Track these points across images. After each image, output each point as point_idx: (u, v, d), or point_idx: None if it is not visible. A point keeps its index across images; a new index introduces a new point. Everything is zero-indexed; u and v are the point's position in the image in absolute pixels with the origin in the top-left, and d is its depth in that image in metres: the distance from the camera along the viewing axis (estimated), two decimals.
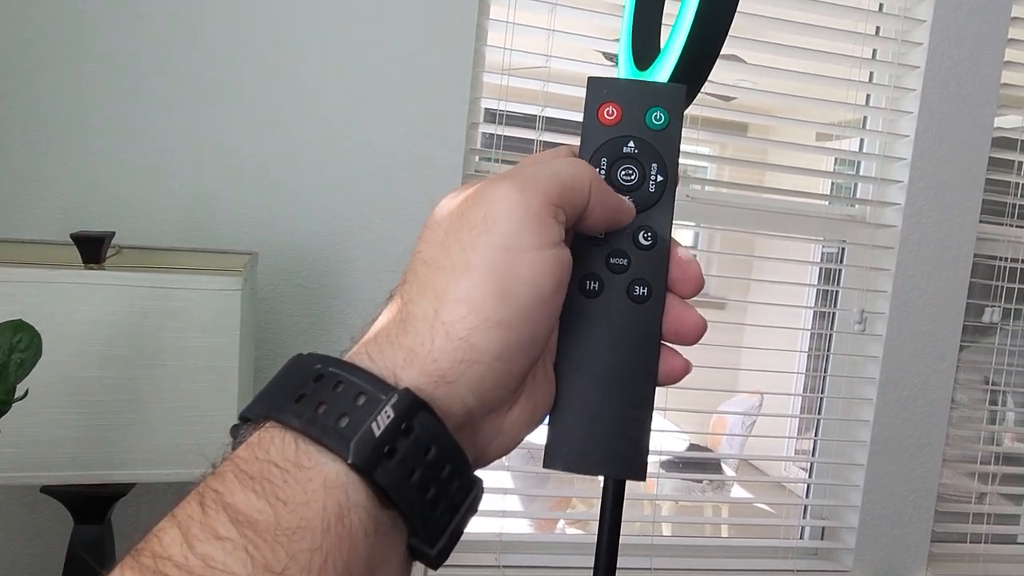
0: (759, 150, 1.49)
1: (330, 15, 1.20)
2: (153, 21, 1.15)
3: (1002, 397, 1.69)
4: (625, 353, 0.32)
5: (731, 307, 2.68)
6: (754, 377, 3.11)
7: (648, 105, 0.34)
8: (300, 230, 1.22)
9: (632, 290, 0.32)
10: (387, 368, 0.27)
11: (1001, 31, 1.45)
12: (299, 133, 1.21)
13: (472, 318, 0.27)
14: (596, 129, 0.34)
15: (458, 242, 0.28)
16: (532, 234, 0.28)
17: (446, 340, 0.27)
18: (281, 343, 1.23)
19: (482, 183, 0.30)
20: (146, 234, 1.14)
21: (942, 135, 1.45)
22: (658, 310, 0.33)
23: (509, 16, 1.28)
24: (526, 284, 0.28)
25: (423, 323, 0.27)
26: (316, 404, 0.25)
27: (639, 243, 0.33)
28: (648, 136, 0.33)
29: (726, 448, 3.21)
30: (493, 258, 0.27)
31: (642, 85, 0.34)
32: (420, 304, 0.28)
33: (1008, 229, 1.56)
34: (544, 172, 0.30)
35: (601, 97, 0.34)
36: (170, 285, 0.84)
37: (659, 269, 0.33)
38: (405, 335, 0.27)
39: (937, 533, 1.56)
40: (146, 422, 0.84)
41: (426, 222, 0.31)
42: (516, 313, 0.27)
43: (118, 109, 1.15)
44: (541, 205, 0.28)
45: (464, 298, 0.27)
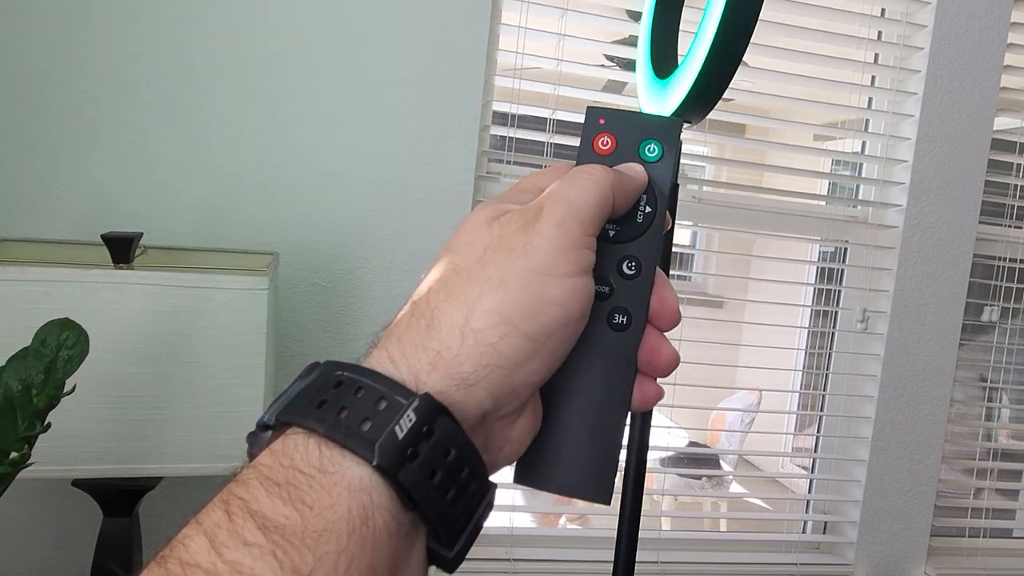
0: (759, 151, 1.51)
1: (345, 21, 1.23)
2: (176, 27, 1.17)
3: (998, 394, 1.72)
4: (601, 378, 0.33)
5: (730, 305, 2.71)
6: (753, 375, 3.14)
7: (642, 138, 0.35)
8: (316, 230, 1.25)
9: (612, 317, 0.33)
10: (409, 372, 0.28)
11: (1000, 36, 1.48)
12: (315, 135, 1.23)
13: (503, 327, 0.28)
14: (590, 158, 0.35)
15: (495, 260, 0.30)
16: (569, 263, 0.30)
17: (474, 345, 0.28)
18: (299, 340, 1.26)
19: (521, 212, 0.31)
20: (168, 234, 1.16)
21: (943, 138, 1.48)
22: (636, 339, 0.33)
23: (521, 21, 1.31)
24: (556, 305, 0.29)
25: (451, 328, 0.28)
26: (338, 409, 0.26)
27: (623, 272, 0.34)
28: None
29: (725, 445, 3.25)
30: (529, 279, 0.29)
31: (638, 117, 0.36)
32: (448, 311, 0.29)
33: (1007, 230, 1.59)
34: (580, 201, 0.31)
35: (597, 127, 0.35)
36: (200, 284, 0.86)
37: (640, 299, 0.33)
38: (431, 339, 0.28)
39: (936, 527, 1.59)
40: (176, 417, 0.87)
41: (458, 235, 0.32)
42: (543, 328, 0.29)
43: (139, 113, 1.17)
44: (579, 236, 0.31)
45: (496, 309, 0.29)
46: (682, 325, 1.35)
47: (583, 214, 0.31)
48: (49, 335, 0.65)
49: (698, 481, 2.96)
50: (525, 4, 1.31)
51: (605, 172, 0.33)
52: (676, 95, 0.71)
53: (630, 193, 0.34)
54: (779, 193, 1.53)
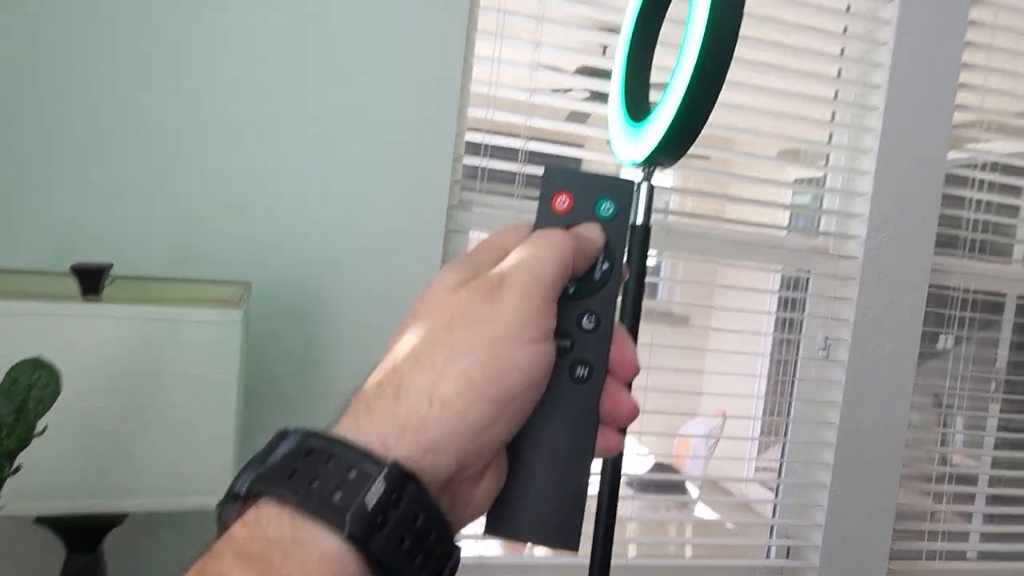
0: (723, 182, 1.55)
1: (320, 49, 1.24)
2: (143, 51, 1.17)
3: (951, 419, 1.78)
4: (564, 429, 0.35)
5: (695, 331, 2.74)
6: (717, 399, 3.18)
7: (598, 196, 0.37)
8: (288, 260, 1.25)
9: (574, 370, 0.35)
10: (378, 439, 0.29)
11: (951, 79, 1.54)
12: (288, 163, 1.24)
13: (469, 394, 0.30)
14: (549, 216, 0.37)
15: (462, 327, 0.31)
16: (532, 330, 0.32)
17: (441, 412, 0.29)
18: (269, 369, 1.25)
19: (487, 279, 0.33)
20: (138, 261, 1.15)
21: (900, 172, 1.54)
22: (597, 390, 0.35)
23: (494, 52, 1.33)
24: (520, 370, 0.31)
25: (419, 395, 0.30)
26: (310, 479, 0.27)
27: (583, 326, 0.35)
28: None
29: (690, 469, 3.28)
30: (495, 346, 0.31)
31: (594, 178, 0.38)
32: (416, 378, 0.30)
33: (960, 261, 1.65)
34: (541, 269, 0.33)
35: (555, 187, 0.37)
36: (171, 317, 0.86)
37: (600, 352, 0.35)
38: (399, 407, 0.30)
39: (895, 551, 1.63)
40: (146, 452, 0.86)
41: (426, 300, 0.34)
42: (507, 392, 0.31)
43: (107, 137, 1.16)
44: (541, 304, 0.32)
45: (463, 375, 0.30)
46: (649, 348, 1.37)
47: (544, 282, 0.33)
48: (20, 375, 0.65)
49: (663, 505, 2.99)
50: (498, 37, 1.33)
51: (564, 238, 0.35)
52: (650, 139, 0.73)
53: (588, 256, 0.36)
54: (743, 224, 1.56)
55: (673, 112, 0.71)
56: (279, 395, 1.26)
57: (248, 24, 1.20)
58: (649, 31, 0.79)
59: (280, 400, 1.26)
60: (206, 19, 1.19)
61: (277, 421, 1.15)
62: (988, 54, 1.58)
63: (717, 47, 0.67)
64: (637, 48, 0.81)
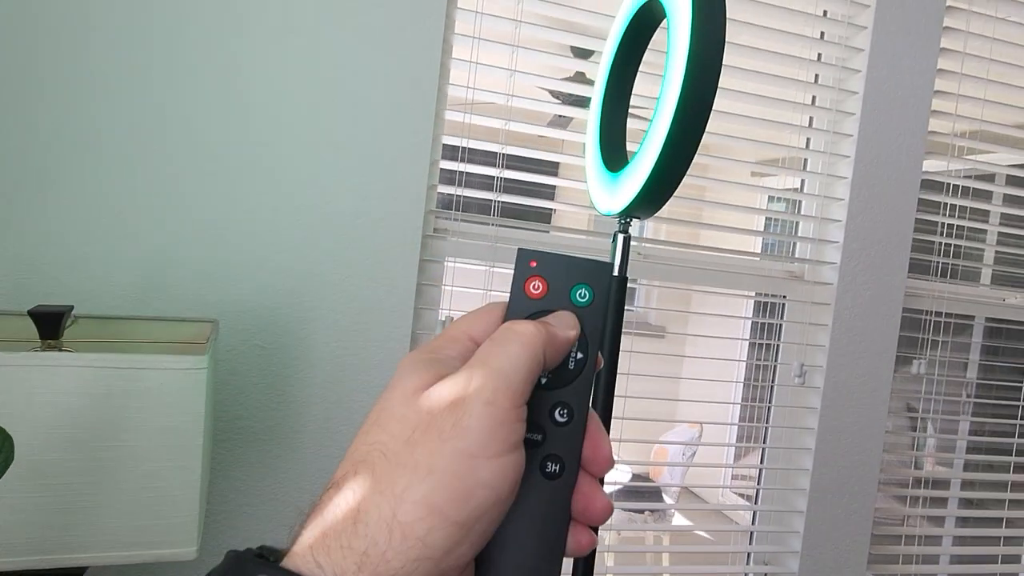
0: (696, 208, 1.56)
1: (287, 65, 1.21)
2: (102, 78, 1.13)
3: (923, 424, 1.79)
4: (534, 528, 0.33)
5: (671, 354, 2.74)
6: (695, 414, 3.19)
7: (573, 282, 0.35)
8: (257, 290, 1.22)
9: (545, 466, 0.33)
10: (335, 574, 0.27)
11: (924, 105, 1.56)
12: (255, 195, 1.21)
13: (431, 519, 0.28)
14: (522, 301, 0.35)
15: (425, 443, 0.29)
16: (499, 442, 0.30)
17: (402, 540, 0.28)
18: (239, 404, 1.22)
19: (451, 385, 0.31)
20: (101, 296, 1.12)
21: (873, 198, 1.55)
22: (569, 487, 0.33)
23: (472, 56, 1.32)
24: (486, 488, 0.29)
25: (379, 524, 0.28)
26: None
27: (555, 419, 0.33)
28: (572, 312, 0.35)
29: (667, 479, 3.28)
30: (458, 464, 0.29)
31: (569, 261, 0.36)
32: (376, 503, 0.28)
33: (933, 284, 1.67)
34: (510, 369, 0.31)
35: (528, 271, 0.35)
36: (134, 365, 0.83)
37: (573, 446, 0.33)
38: (358, 537, 0.28)
39: (874, 555, 1.64)
40: (106, 504, 0.83)
41: (386, 407, 0.31)
42: (472, 513, 0.29)
43: (65, 171, 1.13)
44: (510, 411, 0.30)
45: (425, 500, 0.28)
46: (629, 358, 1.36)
47: (513, 385, 0.31)
48: None
49: (640, 515, 2.99)
50: (476, 40, 1.32)
51: (536, 334, 0.32)
52: (627, 191, 0.72)
53: (561, 350, 0.34)
54: (718, 250, 1.56)
55: (651, 166, 0.70)
56: (249, 431, 1.23)
57: (212, 48, 1.18)
58: (623, 81, 0.78)
59: (250, 436, 1.23)
60: (169, 45, 1.16)
61: (247, 459, 1.13)
62: (959, 81, 1.59)
63: (699, 99, 0.66)
64: (612, 99, 0.80)
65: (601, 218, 0.81)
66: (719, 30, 0.63)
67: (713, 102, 0.57)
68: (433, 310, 1.36)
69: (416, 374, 0.32)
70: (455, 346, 0.34)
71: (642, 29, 0.77)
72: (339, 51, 1.23)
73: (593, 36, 1.39)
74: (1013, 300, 1.76)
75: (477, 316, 0.35)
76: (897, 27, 1.52)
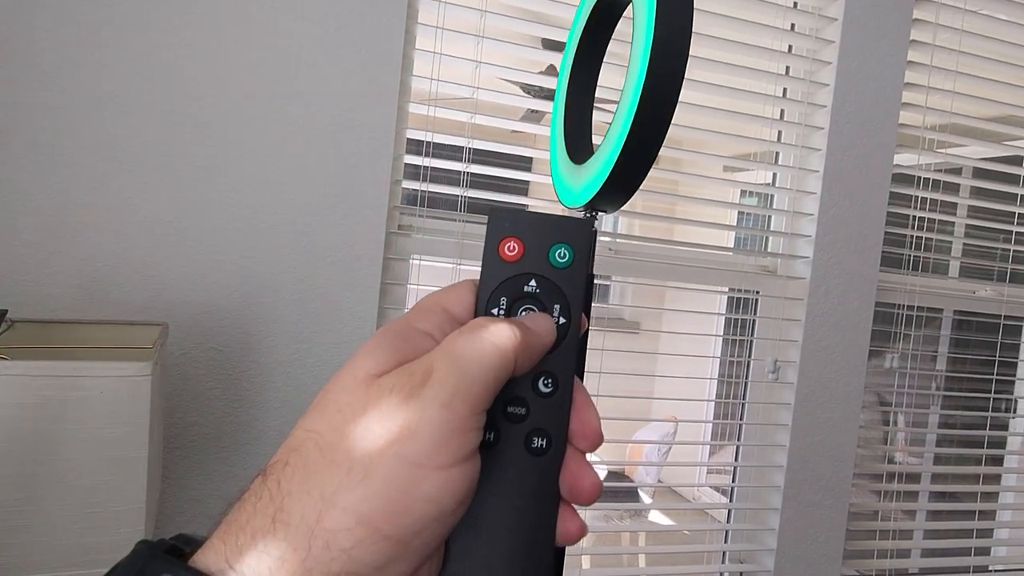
0: (669, 203, 1.53)
1: (240, 57, 1.16)
2: (47, 71, 1.07)
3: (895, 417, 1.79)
4: (521, 510, 0.30)
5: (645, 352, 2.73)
6: (670, 408, 3.18)
7: (552, 242, 0.32)
8: (212, 292, 1.17)
9: (530, 441, 0.30)
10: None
11: (895, 104, 1.55)
12: (209, 192, 1.15)
13: (360, 531, 0.25)
14: (496, 265, 0.32)
15: (365, 441, 0.26)
16: (449, 452, 0.26)
17: (324, 550, 0.24)
18: (194, 410, 1.17)
19: (408, 376, 0.27)
20: (42, 299, 1.06)
21: (844, 191, 1.53)
22: (557, 463, 0.30)
23: (436, 47, 1.27)
24: (428, 502, 0.25)
25: (300, 528, 0.25)
26: None
27: (539, 390, 0.31)
28: (551, 274, 0.32)
29: (643, 476, 3.27)
30: (399, 472, 0.25)
31: (547, 219, 0.33)
32: (301, 503, 0.25)
33: (904, 277, 1.66)
34: (476, 372, 0.27)
35: (503, 231, 0.32)
36: (72, 373, 0.77)
37: (559, 418, 0.31)
38: (275, 542, 0.25)
39: (849, 551, 1.63)
40: (45, 522, 0.78)
41: (333, 390, 0.28)
42: (410, 529, 0.25)
43: (5, 165, 1.06)
44: (466, 419, 0.26)
45: (355, 509, 0.25)
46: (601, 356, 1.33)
47: (475, 389, 0.27)
48: None
49: (616, 513, 2.97)
50: (440, 31, 1.27)
51: (511, 338, 0.28)
52: (591, 182, 0.69)
53: (533, 360, 0.30)
54: (691, 245, 1.54)
55: (615, 155, 0.67)
56: (204, 437, 1.17)
57: (160, 38, 1.12)
58: (588, 68, 0.75)
59: (205, 442, 1.18)
60: (114, 34, 1.10)
61: (201, 467, 1.07)
62: (929, 73, 1.58)
63: (661, 87, 0.63)
64: (576, 86, 0.76)
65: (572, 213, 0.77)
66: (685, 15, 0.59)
67: (680, 88, 0.53)
68: (399, 310, 1.32)
69: (373, 356, 0.28)
70: (428, 318, 0.30)
71: (606, 11, 0.72)
72: (295, 41, 1.18)
73: (563, 27, 1.35)
74: (983, 292, 1.76)
75: (452, 288, 0.32)
76: (867, 19, 1.51)
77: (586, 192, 0.71)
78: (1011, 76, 1.68)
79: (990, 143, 1.74)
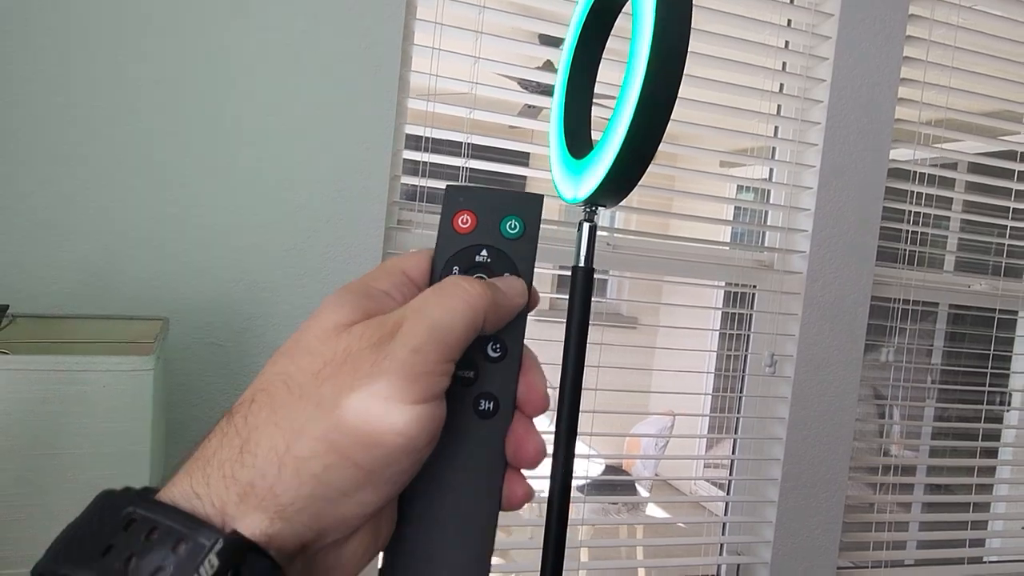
0: (666, 198, 1.54)
1: (241, 53, 1.16)
2: (48, 67, 1.07)
3: (890, 411, 1.80)
4: (468, 472, 0.31)
5: (643, 347, 2.74)
6: (667, 403, 3.19)
7: (503, 214, 0.34)
8: (212, 287, 1.17)
9: (478, 404, 0.31)
10: (215, 507, 0.24)
11: (891, 99, 1.56)
12: (209, 186, 1.16)
13: (330, 457, 0.25)
14: (450, 237, 0.33)
15: (334, 378, 0.26)
16: (418, 391, 0.26)
17: (294, 475, 0.25)
18: (194, 405, 1.17)
19: (377, 326, 0.28)
20: (43, 295, 1.06)
21: (841, 187, 1.54)
22: (504, 427, 0.31)
23: (434, 42, 1.28)
24: (398, 435, 0.26)
25: (269, 455, 0.25)
26: (126, 557, 0.23)
27: (488, 355, 0.32)
28: (502, 244, 0.33)
29: (640, 470, 3.28)
30: (369, 405, 0.26)
31: (499, 195, 0.34)
32: (268, 434, 0.25)
33: (900, 271, 1.67)
34: (447, 325, 0.28)
35: (457, 205, 0.34)
36: (74, 368, 0.78)
37: (507, 384, 0.32)
38: (243, 466, 0.25)
39: (845, 543, 1.64)
40: (48, 516, 0.78)
41: (301, 338, 0.28)
42: (380, 460, 0.26)
43: (5, 162, 1.07)
44: (435, 364, 0.27)
45: (325, 438, 0.25)
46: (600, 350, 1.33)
47: (446, 340, 0.28)
48: None
49: (614, 507, 2.98)
50: (438, 26, 1.27)
51: (482, 294, 0.29)
52: (592, 177, 0.69)
53: (504, 318, 0.31)
54: (688, 240, 1.55)
55: (616, 150, 0.67)
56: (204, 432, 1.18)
57: (158, 35, 1.12)
58: (588, 64, 0.75)
59: None
60: (111, 32, 1.10)
61: None
62: (924, 69, 1.59)
63: (663, 82, 0.63)
64: (576, 82, 0.77)
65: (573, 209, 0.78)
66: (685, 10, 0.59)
67: (680, 81, 0.54)
68: None
69: (340, 310, 0.28)
70: (387, 279, 0.31)
71: (606, 6, 0.72)
72: (295, 37, 1.18)
73: (560, 23, 1.35)
74: (978, 286, 1.77)
75: (410, 255, 0.33)
76: (863, 15, 1.51)
77: (587, 187, 0.72)
78: (1006, 71, 1.68)
79: (985, 138, 1.75)
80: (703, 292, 1.61)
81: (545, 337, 1.19)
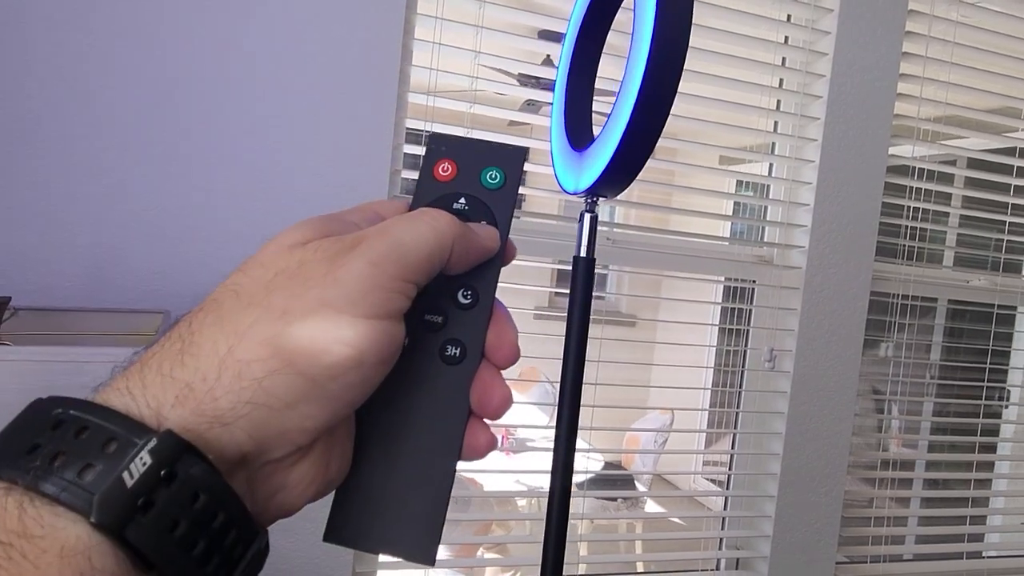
0: (665, 193, 1.54)
1: (241, 47, 1.16)
2: (48, 62, 1.08)
3: (889, 406, 1.81)
4: (428, 417, 0.30)
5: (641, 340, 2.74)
6: (665, 401, 3.20)
7: (484, 164, 0.33)
8: (212, 279, 1.16)
9: (445, 349, 0.31)
10: (149, 407, 0.23)
11: (890, 95, 1.56)
12: (210, 180, 1.16)
13: (274, 362, 0.24)
14: (430, 184, 0.33)
15: (285, 287, 0.26)
16: (371, 304, 0.25)
17: (235, 379, 0.24)
18: None
19: (335, 241, 0.27)
20: (45, 290, 1.06)
21: (840, 182, 1.54)
22: (470, 374, 0.31)
23: (435, 37, 1.28)
24: (346, 346, 0.25)
25: (211, 358, 0.24)
26: (52, 455, 0.21)
27: (458, 301, 0.31)
28: (481, 194, 0.33)
29: (639, 466, 3.29)
30: (318, 312, 0.25)
31: (482, 144, 0.34)
32: (211, 336, 0.25)
33: (899, 267, 1.67)
34: (411, 243, 0.27)
35: (439, 154, 0.34)
36: (75, 358, 0.78)
37: (477, 331, 0.31)
38: (183, 368, 0.24)
39: (844, 537, 1.65)
40: None
41: (254, 256, 0.28)
42: (326, 371, 0.25)
43: (7, 154, 1.07)
44: (392, 280, 0.26)
45: (270, 343, 0.24)
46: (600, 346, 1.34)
47: (408, 258, 0.27)
48: None
49: (613, 503, 2.99)
50: (439, 21, 1.28)
51: (451, 223, 0.29)
52: (592, 168, 0.69)
53: (472, 254, 0.30)
54: (687, 235, 1.55)
55: (617, 141, 0.68)
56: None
57: (158, 26, 1.12)
58: (588, 55, 0.75)
59: None
60: (109, 23, 1.10)
61: None
62: (924, 64, 1.59)
63: (663, 75, 0.64)
64: (577, 73, 0.77)
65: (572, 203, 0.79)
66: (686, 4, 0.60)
67: (680, 74, 0.54)
68: None
69: (300, 230, 0.28)
70: (358, 214, 0.31)
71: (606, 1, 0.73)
72: (296, 30, 1.18)
73: (560, 18, 1.36)
74: (977, 282, 1.77)
75: (388, 200, 0.33)
76: (863, 9, 1.52)
77: (588, 177, 0.72)
78: (1006, 67, 1.68)
79: (985, 134, 1.75)
80: (702, 288, 1.61)
81: (546, 332, 1.20)
